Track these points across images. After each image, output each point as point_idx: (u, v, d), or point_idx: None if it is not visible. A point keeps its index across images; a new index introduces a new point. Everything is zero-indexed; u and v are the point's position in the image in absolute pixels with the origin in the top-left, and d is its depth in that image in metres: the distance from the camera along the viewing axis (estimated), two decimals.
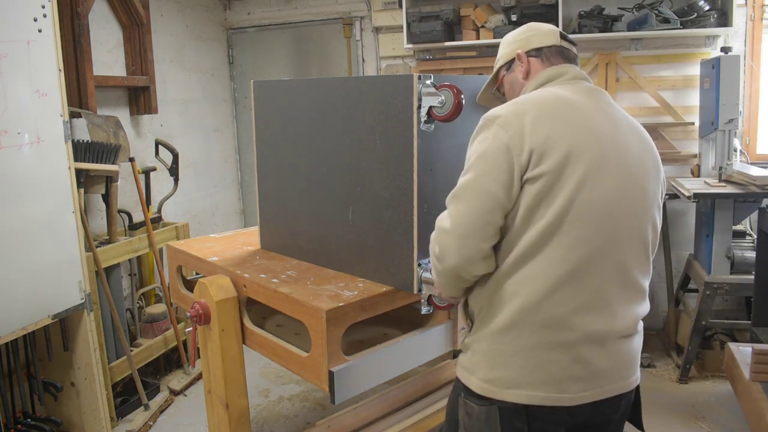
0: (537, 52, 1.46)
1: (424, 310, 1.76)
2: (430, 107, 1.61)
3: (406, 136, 1.67)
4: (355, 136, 1.84)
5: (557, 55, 1.45)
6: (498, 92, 1.63)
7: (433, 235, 1.36)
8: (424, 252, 1.73)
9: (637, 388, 1.44)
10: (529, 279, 1.27)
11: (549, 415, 1.29)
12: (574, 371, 1.27)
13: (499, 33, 3.68)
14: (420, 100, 1.62)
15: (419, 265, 1.72)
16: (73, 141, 2.60)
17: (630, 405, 1.43)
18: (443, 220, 1.32)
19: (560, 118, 1.29)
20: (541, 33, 1.47)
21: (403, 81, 1.66)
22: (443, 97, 1.58)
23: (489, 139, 1.29)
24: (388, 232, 1.78)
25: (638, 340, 1.39)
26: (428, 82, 1.62)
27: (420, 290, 1.74)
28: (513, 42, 1.51)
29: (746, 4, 3.51)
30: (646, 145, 1.40)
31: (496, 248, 1.32)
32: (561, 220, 1.24)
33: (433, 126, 1.64)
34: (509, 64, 1.52)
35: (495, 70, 1.58)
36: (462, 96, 1.56)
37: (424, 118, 1.63)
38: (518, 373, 1.28)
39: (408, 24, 3.82)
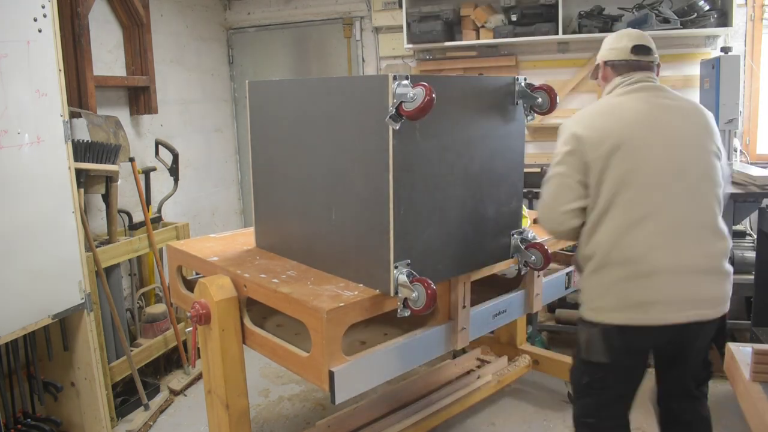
0: (612, 63, 1.95)
1: (400, 313, 1.75)
2: (401, 102, 1.59)
3: (382, 136, 1.66)
4: (336, 136, 1.85)
5: (626, 67, 1.91)
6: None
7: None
8: (401, 254, 1.71)
9: (724, 319, 1.79)
10: (604, 233, 1.73)
11: (638, 334, 1.72)
12: (654, 296, 1.68)
13: (499, 33, 3.68)
14: (395, 99, 1.61)
15: (395, 267, 1.71)
16: (73, 141, 2.60)
17: (714, 332, 1.79)
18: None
19: (609, 117, 1.80)
20: (616, 49, 1.93)
21: (379, 81, 1.65)
22: (414, 93, 1.57)
23: (562, 144, 1.83)
24: (366, 233, 1.78)
25: (719, 278, 1.73)
26: (405, 82, 1.61)
27: (396, 293, 1.73)
28: (602, 49, 2.00)
29: (746, 4, 3.50)
30: (695, 120, 1.83)
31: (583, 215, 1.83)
32: (618, 187, 1.71)
33: (399, 124, 1.62)
34: (598, 66, 2.03)
35: (595, 64, 2.06)
36: (433, 93, 1.54)
37: (391, 112, 1.60)
38: (611, 302, 1.73)
39: (408, 24, 3.82)
